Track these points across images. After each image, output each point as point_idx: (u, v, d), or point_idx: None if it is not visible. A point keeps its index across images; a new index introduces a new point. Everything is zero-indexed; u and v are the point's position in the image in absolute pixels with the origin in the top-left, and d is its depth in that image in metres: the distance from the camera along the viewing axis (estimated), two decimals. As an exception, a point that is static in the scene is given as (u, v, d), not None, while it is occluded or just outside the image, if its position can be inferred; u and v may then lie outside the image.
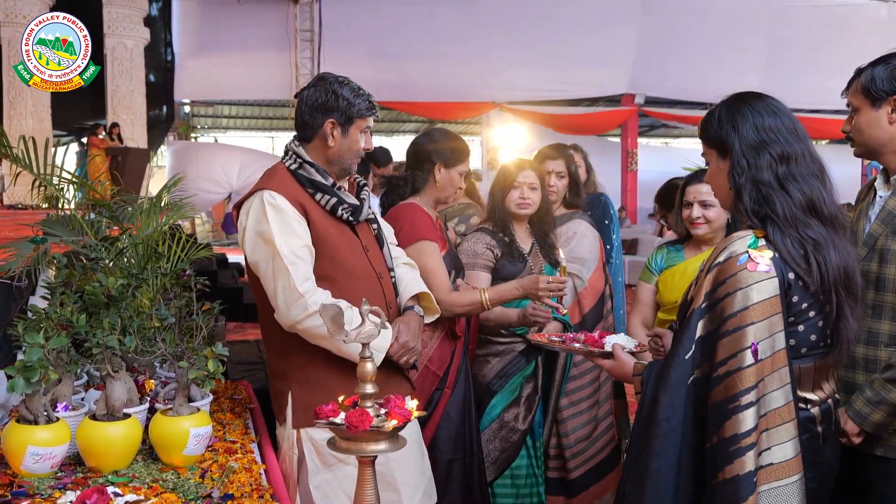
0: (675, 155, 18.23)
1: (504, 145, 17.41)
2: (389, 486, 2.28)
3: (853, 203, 2.39)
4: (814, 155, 1.83)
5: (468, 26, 16.16)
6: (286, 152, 2.37)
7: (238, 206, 2.32)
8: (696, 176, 2.95)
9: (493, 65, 16.45)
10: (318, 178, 2.30)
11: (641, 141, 21.23)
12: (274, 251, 2.16)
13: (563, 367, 3.28)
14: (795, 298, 1.75)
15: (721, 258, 1.76)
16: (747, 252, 1.73)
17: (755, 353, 1.67)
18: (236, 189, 15.34)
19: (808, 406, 1.82)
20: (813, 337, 1.80)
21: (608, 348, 2.11)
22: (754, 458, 1.65)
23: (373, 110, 2.34)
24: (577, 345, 2.30)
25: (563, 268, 2.82)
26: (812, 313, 1.78)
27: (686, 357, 1.74)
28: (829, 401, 1.88)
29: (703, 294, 1.76)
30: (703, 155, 1.98)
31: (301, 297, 2.14)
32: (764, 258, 1.72)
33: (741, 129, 1.82)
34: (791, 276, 1.74)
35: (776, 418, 1.70)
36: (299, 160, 2.32)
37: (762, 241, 1.75)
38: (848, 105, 2.19)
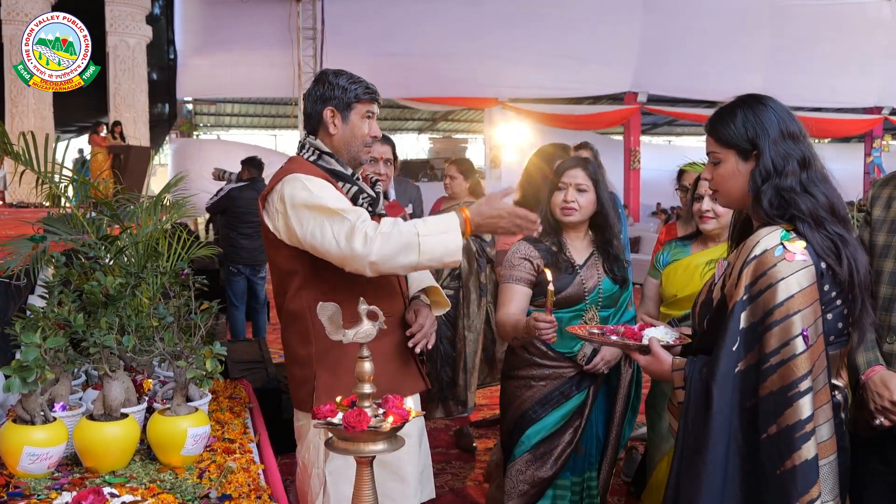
0: (678, 153, 18.22)
1: (507, 143, 17.41)
2: (398, 478, 2.30)
3: (854, 201, 2.40)
4: (819, 159, 1.88)
5: (471, 24, 16.18)
6: (302, 146, 2.39)
7: (263, 199, 2.32)
8: None
9: (495, 63, 16.47)
10: (339, 167, 2.33)
11: (644, 139, 21.25)
12: (321, 207, 2.13)
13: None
14: (826, 287, 1.79)
15: (757, 251, 1.79)
16: (782, 244, 1.77)
17: (806, 338, 1.71)
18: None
19: (835, 392, 1.86)
20: (839, 325, 1.85)
21: (645, 342, 2.04)
22: (815, 443, 1.70)
23: (370, 94, 2.35)
24: (614, 337, 2.18)
25: (550, 292, 2.41)
26: (839, 302, 1.83)
27: (734, 349, 1.77)
28: (846, 389, 1.94)
29: (743, 287, 1.78)
30: (710, 154, 1.94)
31: (364, 232, 2.08)
32: (798, 248, 1.76)
33: (772, 134, 1.84)
34: (823, 265, 1.78)
35: (822, 398, 1.76)
36: (318, 151, 2.34)
37: (793, 234, 1.79)
38: None
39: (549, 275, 2.44)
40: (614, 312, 2.90)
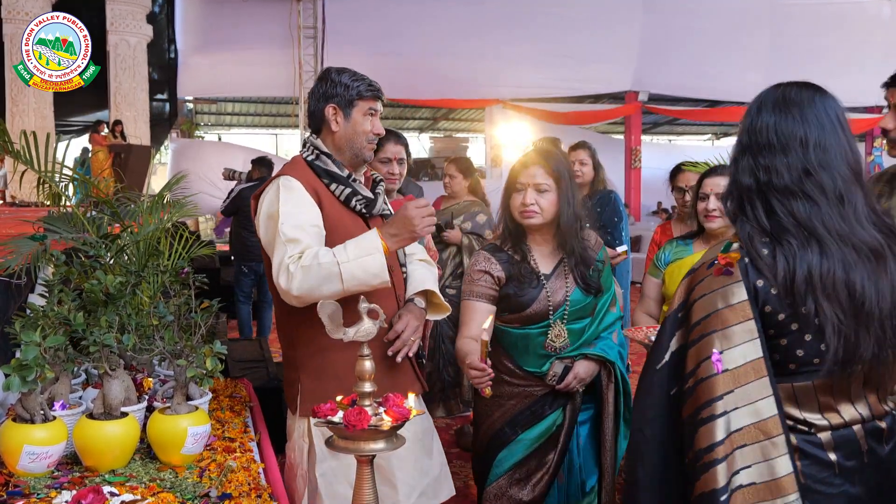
0: (679, 152, 18.25)
1: (507, 143, 17.40)
2: (388, 482, 2.29)
3: None
4: (816, 169, 1.60)
5: (472, 24, 16.15)
6: (304, 145, 2.43)
7: (256, 197, 2.36)
8: (715, 169, 2.98)
9: (495, 63, 16.44)
10: (334, 168, 2.35)
11: (645, 138, 21.22)
12: (276, 230, 2.18)
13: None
14: (768, 309, 1.58)
15: (696, 265, 1.70)
16: (717, 257, 1.63)
17: (717, 363, 1.55)
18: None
19: (812, 430, 1.61)
20: (799, 352, 1.59)
21: None
22: (725, 474, 1.52)
23: (373, 92, 2.37)
24: (651, 337, 2.15)
25: (484, 342, 2.16)
26: (794, 326, 1.58)
27: (658, 367, 1.66)
28: (857, 427, 1.63)
29: (677, 303, 1.68)
30: None
31: (287, 267, 2.12)
32: (729, 262, 1.59)
33: (742, 124, 1.72)
34: (760, 282, 1.58)
35: (755, 434, 1.53)
36: (316, 151, 2.37)
37: (735, 246, 1.62)
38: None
39: (487, 323, 2.16)
40: (591, 322, 2.64)
